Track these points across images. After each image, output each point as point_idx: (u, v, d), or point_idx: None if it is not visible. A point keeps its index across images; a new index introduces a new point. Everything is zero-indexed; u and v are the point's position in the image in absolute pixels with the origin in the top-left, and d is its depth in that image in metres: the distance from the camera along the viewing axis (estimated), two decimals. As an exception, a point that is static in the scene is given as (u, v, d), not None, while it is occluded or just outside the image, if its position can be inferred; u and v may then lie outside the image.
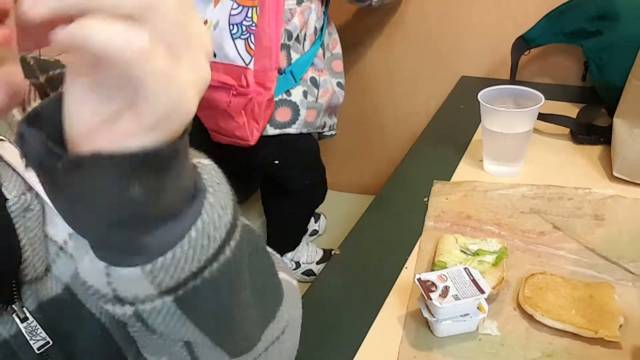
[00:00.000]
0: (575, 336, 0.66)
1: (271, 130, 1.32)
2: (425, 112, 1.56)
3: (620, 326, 0.65)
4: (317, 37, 1.34)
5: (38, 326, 0.36)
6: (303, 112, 1.35)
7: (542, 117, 1.04)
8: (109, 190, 0.25)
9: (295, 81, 1.30)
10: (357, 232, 0.92)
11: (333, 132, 1.52)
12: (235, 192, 0.33)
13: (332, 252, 0.89)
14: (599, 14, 1.19)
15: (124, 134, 0.24)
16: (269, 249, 0.47)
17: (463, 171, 1.04)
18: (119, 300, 0.29)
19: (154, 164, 0.25)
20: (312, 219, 1.81)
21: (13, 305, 0.35)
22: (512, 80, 1.36)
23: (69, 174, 0.25)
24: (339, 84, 1.45)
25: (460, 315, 0.66)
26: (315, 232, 1.86)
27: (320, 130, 1.46)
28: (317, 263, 1.71)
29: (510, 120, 0.95)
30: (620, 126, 0.96)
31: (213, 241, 0.30)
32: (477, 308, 0.66)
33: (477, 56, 1.51)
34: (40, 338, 0.36)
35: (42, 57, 0.44)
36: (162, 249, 0.28)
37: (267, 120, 1.30)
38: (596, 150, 1.06)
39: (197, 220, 0.29)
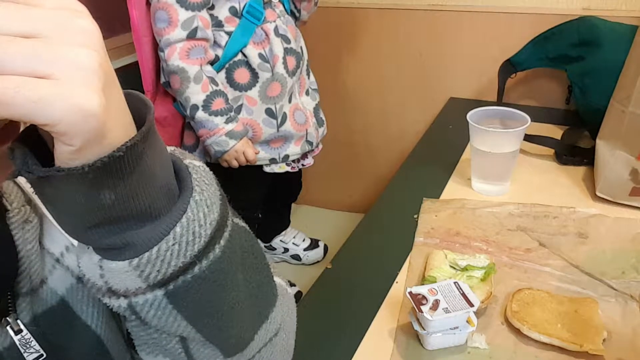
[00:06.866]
0: (561, 349, 0.67)
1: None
2: (415, 131, 1.60)
3: (604, 340, 0.67)
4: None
5: (32, 338, 0.36)
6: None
7: (527, 138, 1.07)
8: (80, 198, 0.27)
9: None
10: (349, 247, 0.93)
11: (278, 165, 1.29)
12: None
13: (326, 266, 0.90)
14: (581, 41, 1.24)
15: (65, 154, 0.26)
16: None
17: (452, 189, 1.06)
18: (113, 292, 0.31)
19: (114, 170, 0.27)
20: (311, 247, 1.75)
21: (7, 318, 0.35)
22: (499, 103, 1.40)
23: (42, 186, 0.27)
24: (269, 111, 1.22)
25: (450, 328, 0.67)
26: (317, 261, 1.76)
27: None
28: (305, 250, 1.72)
29: (497, 140, 0.98)
30: (602, 148, 0.99)
31: (199, 237, 0.31)
32: (467, 321, 0.68)
33: (465, 78, 1.55)
34: (34, 350, 0.36)
35: None
36: (148, 244, 0.30)
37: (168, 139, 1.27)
38: (580, 170, 1.10)
39: (182, 217, 0.31)
